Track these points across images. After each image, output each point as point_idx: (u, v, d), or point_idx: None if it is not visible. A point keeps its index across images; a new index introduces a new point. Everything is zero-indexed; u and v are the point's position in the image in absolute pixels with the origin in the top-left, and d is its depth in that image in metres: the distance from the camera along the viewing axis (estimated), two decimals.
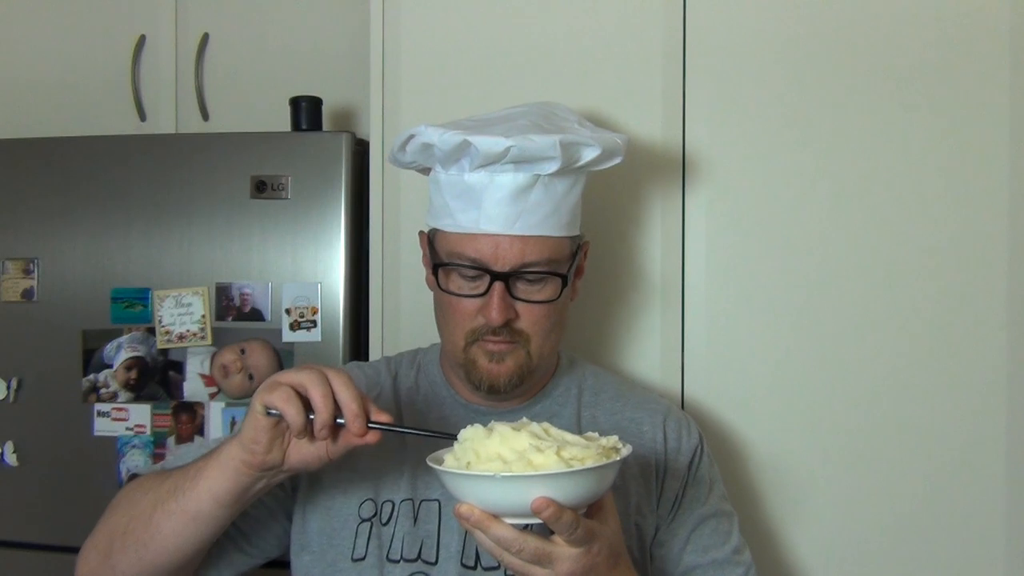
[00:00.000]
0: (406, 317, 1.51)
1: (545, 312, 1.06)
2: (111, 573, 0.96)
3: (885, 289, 1.37)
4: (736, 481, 1.39)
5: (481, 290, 1.05)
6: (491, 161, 1.02)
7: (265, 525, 1.09)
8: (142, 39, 1.98)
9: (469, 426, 0.91)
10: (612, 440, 0.90)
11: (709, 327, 1.42)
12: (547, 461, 0.83)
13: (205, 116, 1.96)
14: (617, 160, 1.10)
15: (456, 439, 0.91)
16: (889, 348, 1.37)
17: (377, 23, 1.52)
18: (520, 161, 1.02)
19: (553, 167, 1.03)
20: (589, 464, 0.84)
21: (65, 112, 2.00)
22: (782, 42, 1.40)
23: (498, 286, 1.03)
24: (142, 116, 1.97)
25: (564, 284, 1.07)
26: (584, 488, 0.84)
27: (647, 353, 1.44)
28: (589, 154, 1.06)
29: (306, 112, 1.69)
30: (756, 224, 1.41)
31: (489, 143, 1.00)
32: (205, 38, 1.96)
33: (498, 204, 1.03)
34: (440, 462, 0.90)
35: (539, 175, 1.03)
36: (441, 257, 1.07)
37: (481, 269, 1.04)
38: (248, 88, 1.95)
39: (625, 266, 1.43)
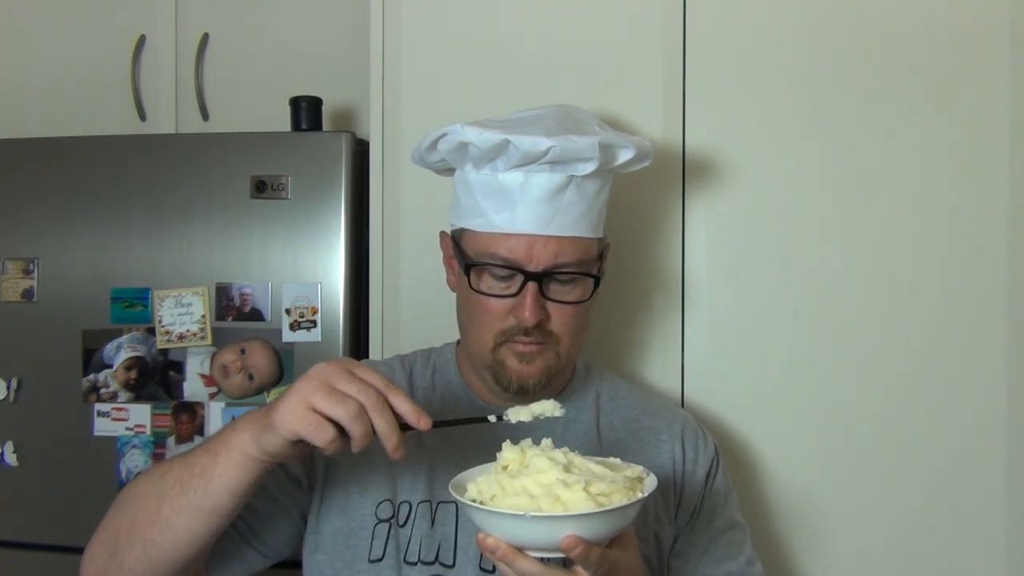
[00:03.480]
0: (406, 317, 1.50)
1: (575, 313, 1.06)
2: (118, 570, 0.96)
3: (885, 288, 1.37)
4: (736, 483, 1.37)
5: (513, 290, 1.04)
6: (529, 161, 1.01)
7: (279, 525, 1.08)
8: (142, 39, 1.98)
9: (505, 446, 0.91)
10: (637, 470, 0.90)
11: (709, 327, 1.42)
12: (575, 497, 0.82)
13: (205, 116, 1.96)
14: (647, 163, 1.11)
15: (488, 420, 0.92)
16: (889, 347, 1.37)
17: (377, 23, 1.52)
18: (557, 162, 1.02)
19: (590, 168, 1.03)
20: (616, 503, 0.83)
21: (65, 112, 2.00)
22: (782, 42, 1.40)
23: (531, 286, 1.03)
24: (142, 116, 1.97)
25: (596, 285, 1.08)
26: (611, 525, 0.84)
27: (646, 353, 1.44)
28: (624, 155, 1.07)
29: (306, 112, 1.69)
30: (756, 224, 1.41)
31: (530, 143, 1.00)
32: (205, 38, 1.96)
33: (533, 204, 1.03)
34: (461, 487, 0.89)
35: (573, 176, 1.03)
36: (471, 257, 1.06)
37: (514, 269, 1.03)
38: (248, 88, 1.95)
39: (625, 266, 1.43)
